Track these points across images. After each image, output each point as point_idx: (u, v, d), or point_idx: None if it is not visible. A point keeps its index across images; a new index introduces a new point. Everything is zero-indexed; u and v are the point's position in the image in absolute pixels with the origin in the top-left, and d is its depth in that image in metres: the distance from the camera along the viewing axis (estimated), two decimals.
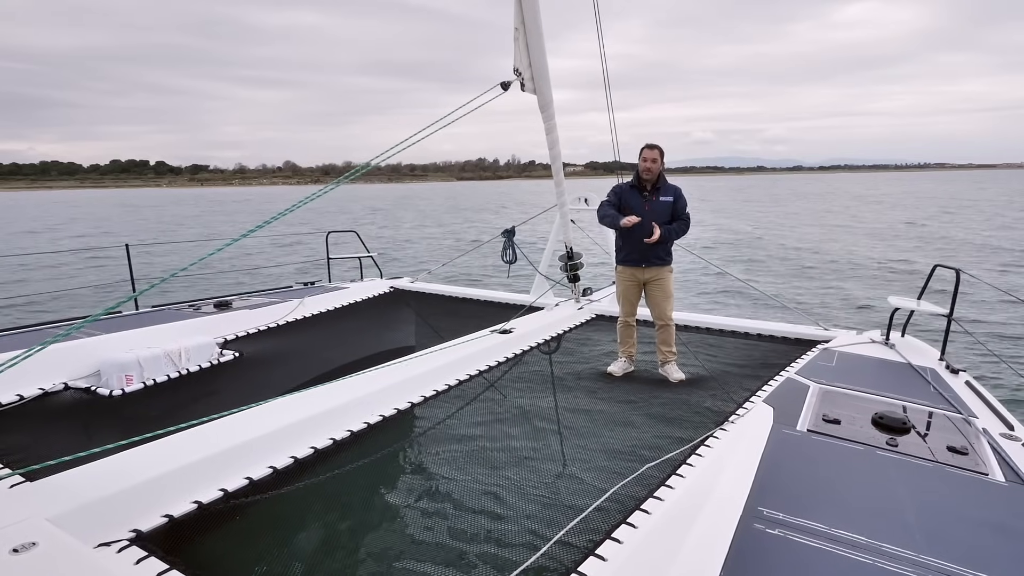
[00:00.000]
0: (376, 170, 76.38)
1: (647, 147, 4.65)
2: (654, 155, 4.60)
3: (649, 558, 2.12)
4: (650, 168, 4.60)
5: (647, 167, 4.61)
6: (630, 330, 4.92)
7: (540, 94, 4.81)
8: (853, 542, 2.19)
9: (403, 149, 3.55)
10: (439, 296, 7.44)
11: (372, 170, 3.80)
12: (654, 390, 4.44)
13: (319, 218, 40.86)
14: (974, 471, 2.82)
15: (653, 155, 4.60)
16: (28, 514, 2.27)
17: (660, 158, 4.63)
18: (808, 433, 3.20)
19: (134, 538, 2.29)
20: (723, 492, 2.55)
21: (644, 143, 4.71)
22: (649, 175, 4.62)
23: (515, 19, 4.43)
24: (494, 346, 5.05)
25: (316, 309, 6.39)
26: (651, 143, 4.65)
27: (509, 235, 7.11)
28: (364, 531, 2.67)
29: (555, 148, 5.50)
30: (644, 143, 4.71)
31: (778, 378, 4.21)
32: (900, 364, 4.48)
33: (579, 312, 6.51)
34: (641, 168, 4.65)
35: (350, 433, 3.35)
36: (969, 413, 3.54)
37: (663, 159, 4.66)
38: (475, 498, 2.87)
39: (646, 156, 4.61)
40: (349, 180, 3.49)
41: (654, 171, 4.62)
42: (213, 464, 2.82)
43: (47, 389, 4.05)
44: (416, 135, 3.61)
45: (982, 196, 60.35)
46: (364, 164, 3.59)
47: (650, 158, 4.60)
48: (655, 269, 4.75)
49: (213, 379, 4.71)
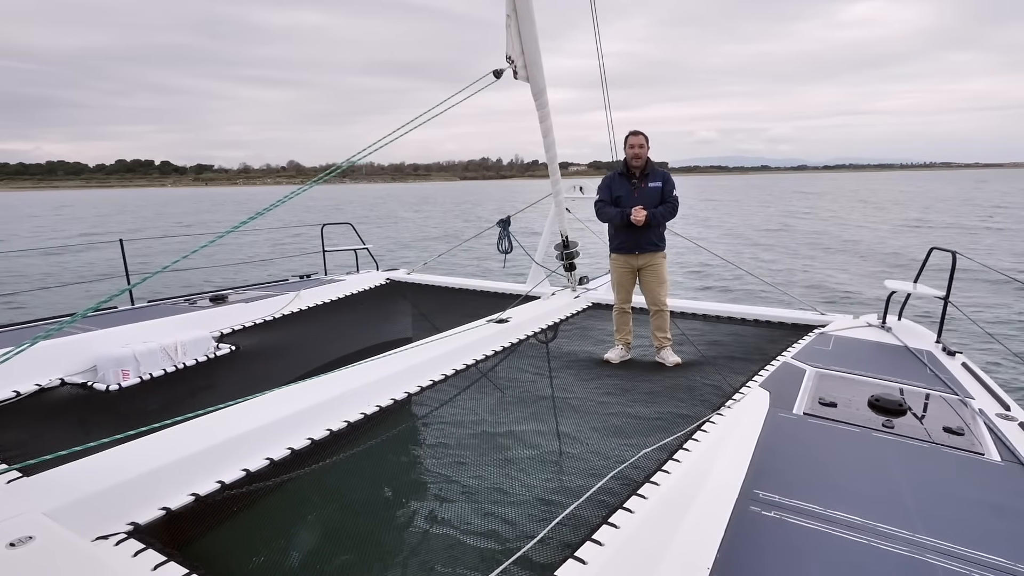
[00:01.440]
0: (379, 170, 75.31)
1: (632, 134, 4.66)
2: (640, 140, 4.62)
3: (645, 542, 2.12)
4: (638, 154, 4.62)
5: (635, 153, 4.63)
6: (626, 317, 4.93)
7: (533, 82, 4.78)
8: (848, 523, 2.20)
9: (393, 140, 3.51)
10: (435, 287, 7.43)
11: (375, 170, 3.76)
12: (650, 376, 4.45)
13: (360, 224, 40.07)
14: (970, 451, 2.83)
15: (639, 140, 4.62)
16: (25, 508, 2.27)
17: (646, 143, 4.65)
18: (804, 416, 3.21)
19: (132, 531, 2.29)
20: (719, 476, 2.55)
21: (629, 130, 4.73)
22: (638, 161, 4.64)
23: (507, 6, 4.39)
24: (491, 335, 5.05)
25: (312, 302, 6.37)
26: (635, 130, 4.67)
27: (504, 224, 7.09)
28: (361, 521, 2.68)
29: (549, 136, 5.47)
30: (629, 130, 4.73)
31: (774, 362, 4.22)
32: (897, 347, 4.49)
33: (575, 301, 6.50)
34: (629, 155, 4.66)
35: (347, 424, 3.35)
36: (965, 394, 3.55)
37: (649, 144, 4.67)
38: (473, 485, 2.87)
39: (632, 143, 4.63)
40: (324, 180, 3.47)
41: (642, 156, 4.64)
42: (210, 456, 2.82)
43: (43, 385, 4.04)
44: (407, 125, 3.58)
45: (979, 195, 60.24)
46: (347, 160, 3.51)
47: (636, 144, 4.61)
48: (648, 255, 4.76)
49: (210, 373, 4.70)
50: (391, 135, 3.51)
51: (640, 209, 4.55)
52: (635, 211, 4.55)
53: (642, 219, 4.52)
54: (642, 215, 4.52)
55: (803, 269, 17.66)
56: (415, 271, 8.04)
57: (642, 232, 4.66)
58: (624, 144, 4.73)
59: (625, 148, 4.71)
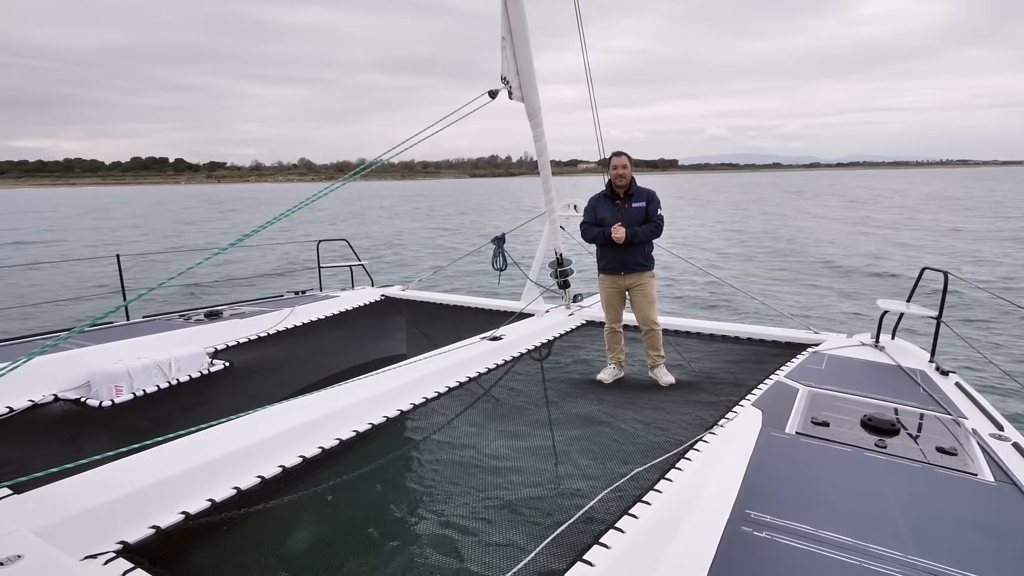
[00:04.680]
0: (388, 167, 75.39)
1: (615, 155, 4.72)
2: (623, 161, 4.67)
3: (636, 562, 2.13)
4: (622, 174, 4.68)
5: (619, 174, 4.68)
6: (617, 336, 4.94)
7: (528, 102, 4.85)
8: (840, 543, 2.20)
9: (388, 159, 3.57)
10: (430, 304, 7.44)
11: (384, 167, 3.82)
12: (643, 395, 4.45)
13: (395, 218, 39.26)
14: (963, 471, 2.84)
15: (622, 161, 4.67)
16: (14, 527, 2.25)
17: (630, 163, 4.71)
18: (797, 436, 3.21)
19: (121, 550, 2.28)
20: (711, 496, 2.56)
21: (612, 151, 4.79)
22: (622, 181, 4.70)
23: (502, 28, 4.47)
24: (484, 353, 5.05)
25: (307, 318, 6.38)
26: (618, 151, 4.73)
27: (499, 242, 7.13)
28: (352, 540, 2.67)
29: (543, 155, 5.53)
30: (612, 151, 4.79)
31: (767, 381, 4.23)
32: (890, 366, 4.51)
33: (569, 318, 6.52)
34: (613, 176, 4.72)
35: (339, 441, 3.34)
36: (958, 414, 3.57)
37: (632, 164, 4.74)
38: (465, 504, 2.87)
39: (615, 164, 4.68)
40: (328, 192, 3.53)
41: (626, 177, 4.70)
42: (200, 474, 2.81)
43: (36, 400, 4.03)
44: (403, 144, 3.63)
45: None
46: (348, 174, 3.58)
47: (620, 165, 4.67)
48: (635, 275, 4.79)
49: (203, 389, 4.68)
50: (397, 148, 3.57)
51: (619, 227, 4.59)
52: (615, 228, 4.60)
53: (622, 236, 4.57)
54: (621, 232, 4.57)
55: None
56: (410, 287, 8.05)
57: (627, 252, 4.70)
58: (607, 165, 4.78)
59: (608, 169, 4.77)
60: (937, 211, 39.91)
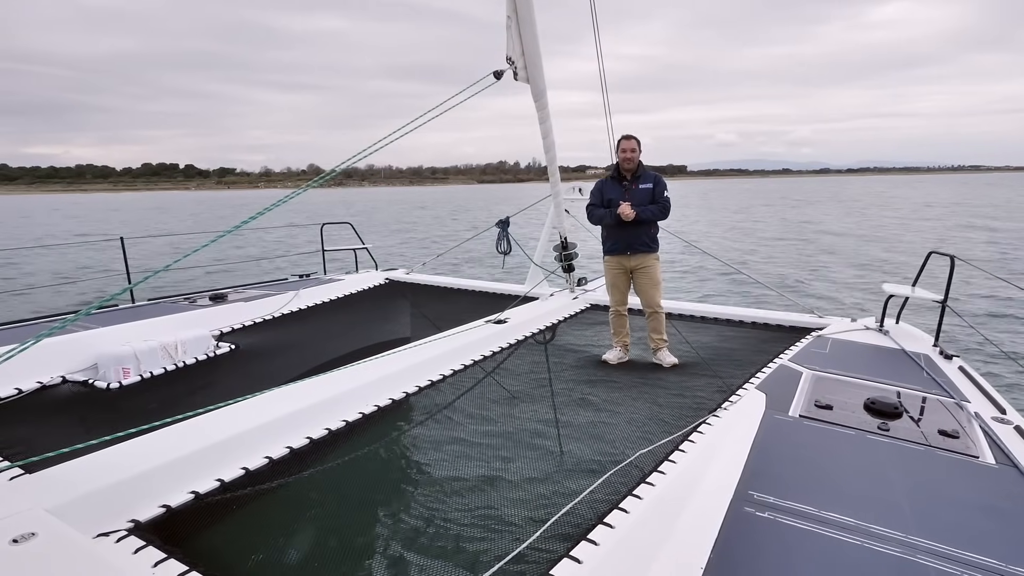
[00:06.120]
0: (397, 172, 75.43)
1: (624, 138, 4.76)
2: (631, 144, 4.71)
3: (640, 542, 2.15)
4: (630, 158, 4.71)
5: (627, 157, 4.71)
6: (622, 319, 4.95)
7: (533, 83, 4.80)
8: (842, 524, 2.22)
9: (392, 142, 3.52)
10: (434, 287, 7.45)
11: (393, 173, 3.80)
12: (648, 377, 4.47)
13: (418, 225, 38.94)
14: (965, 454, 2.85)
15: (631, 144, 4.71)
16: (27, 505, 2.29)
17: (638, 147, 4.74)
18: (800, 419, 3.23)
19: (132, 528, 2.31)
20: (715, 477, 2.57)
21: (620, 135, 4.82)
22: (630, 164, 4.73)
23: (507, 7, 4.41)
24: (489, 336, 5.07)
25: (311, 301, 6.39)
26: (627, 134, 4.76)
27: (503, 226, 7.11)
28: (359, 520, 2.70)
29: (548, 137, 5.49)
30: (620, 135, 4.82)
31: (771, 365, 4.24)
32: (894, 350, 4.51)
33: (574, 302, 6.52)
34: (621, 159, 4.75)
35: (345, 423, 3.37)
36: (961, 397, 3.57)
37: (640, 147, 4.76)
38: (470, 486, 2.89)
39: (624, 147, 4.72)
40: (317, 184, 3.55)
41: (634, 160, 4.73)
42: (210, 455, 2.84)
43: (45, 382, 4.06)
44: (408, 125, 3.60)
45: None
46: (339, 164, 3.54)
47: (628, 148, 4.70)
48: (640, 256, 4.80)
49: (209, 372, 4.72)
50: (390, 136, 3.53)
51: (627, 204, 4.60)
52: (622, 206, 4.61)
53: (629, 213, 4.57)
54: (628, 209, 4.58)
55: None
56: (414, 271, 8.06)
57: (633, 233, 4.71)
58: (616, 148, 4.82)
59: (617, 152, 4.80)
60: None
